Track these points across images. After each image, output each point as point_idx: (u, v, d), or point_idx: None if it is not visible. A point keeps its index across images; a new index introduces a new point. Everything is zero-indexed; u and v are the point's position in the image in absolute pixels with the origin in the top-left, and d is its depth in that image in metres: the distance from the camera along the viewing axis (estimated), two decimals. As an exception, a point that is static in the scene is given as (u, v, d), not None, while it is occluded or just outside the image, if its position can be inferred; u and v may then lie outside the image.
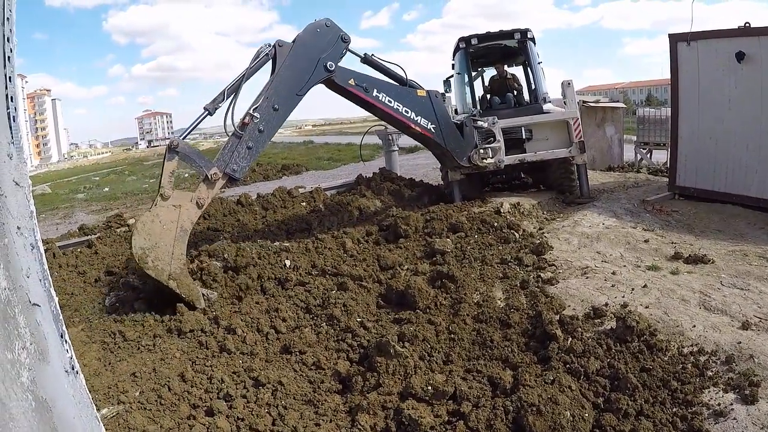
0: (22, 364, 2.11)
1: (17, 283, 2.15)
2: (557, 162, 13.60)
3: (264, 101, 9.37)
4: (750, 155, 11.57)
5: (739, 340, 6.14)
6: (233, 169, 9.00)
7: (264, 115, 9.33)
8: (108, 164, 73.20)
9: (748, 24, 11.43)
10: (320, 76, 10.07)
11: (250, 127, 9.18)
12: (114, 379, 6.30)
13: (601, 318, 7.03)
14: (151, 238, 8.03)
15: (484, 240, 10.19)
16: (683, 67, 12.70)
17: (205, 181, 8.77)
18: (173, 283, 8.04)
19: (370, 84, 10.87)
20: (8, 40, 2.20)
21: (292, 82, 9.78)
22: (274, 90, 9.52)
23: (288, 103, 9.72)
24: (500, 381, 5.95)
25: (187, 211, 8.42)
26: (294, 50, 9.84)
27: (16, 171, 2.24)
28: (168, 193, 8.29)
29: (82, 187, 36.31)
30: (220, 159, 8.95)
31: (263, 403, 5.96)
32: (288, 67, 9.73)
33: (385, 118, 11.78)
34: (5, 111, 2.18)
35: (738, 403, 5.20)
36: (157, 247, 8.02)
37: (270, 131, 9.58)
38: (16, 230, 2.21)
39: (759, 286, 7.66)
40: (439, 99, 12.02)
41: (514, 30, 14.18)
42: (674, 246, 9.67)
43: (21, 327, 2.14)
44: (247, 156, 9.17)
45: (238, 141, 9.08)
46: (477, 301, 7.82)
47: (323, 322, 7.68)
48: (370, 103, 11.01)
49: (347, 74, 10.57)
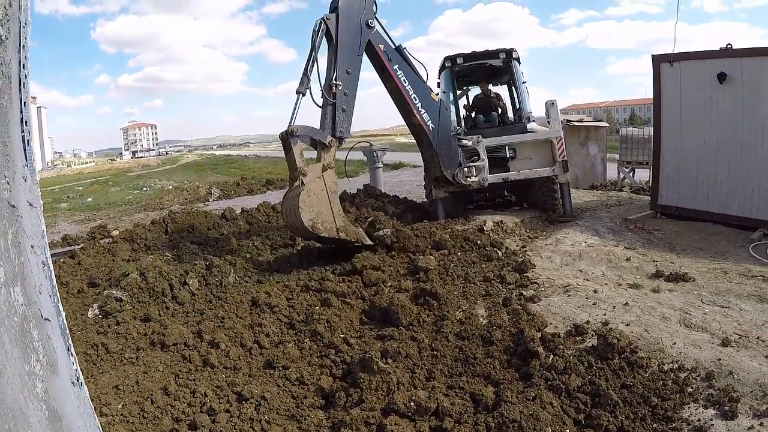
0: (37, 376, 2.17)
1: (31, 299, 2.21)
2: (540, 181, 13.70)
3: (339, 69, 10.70)
4: (731, 174, 11.73)
5: (719, 356, 6.20)
6: (341, 131, 10.65)
7: (343, 80, 10.70)
8: (92, 174, 72.78)
9: (729, 45, 11.64)
10: (366, 33, 11.30)
11: (339, 93, 10.59)
12: (96, 391, 6.26)
13: (582, 335, 7.07)
14: (313, 209, 9.80)
15: (467, 257, 10.22)
16: (666, 88, 12.88)
17: (324, 148, 10.38)
18: (342, 234, 10.07)
19: (396, 58, 12.00)
20: (23, 67, 2.25)
21: (350, 46, 11.00)
22: (341, 56, 10.79)
23: (355, 65, 11.06)
24: (482, 397, 5.96)
25: (328, 177, 10.15)
26: (341, 19, 10.86)
27: (30, 192, 2.30)
28: (306, 170, 9.95)
29: (66, 197, 36.03)
30: (327, 127, 10.50)
31: (246, 418, 5.95)
32: (342, 33, 10.84)
33: (394, 94, 12.42)
34: (20, 134, 2.24)
35: (718, 419, 5.25)
36: (320, 213, 9.87)
37: (352, 93, 10.94)
38: (30, 249, 2.27)
39: (739, 303, 7.75)
40: (448, 112, 13.05)
41: (500, 50, 14.34)
42: (655, 264, 9.76)
43: (35, 341, 2.19)
44: (346, 118, 10.71)
45: (333, 108, 10.59)
46: (460, 319, 7.83)
47: (307, 337, 7.67)
48: (388, 73, 11.98)
49: (380, 39, 11.72)
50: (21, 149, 2.25)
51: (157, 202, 28.72)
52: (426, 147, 12.92)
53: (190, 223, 12.89)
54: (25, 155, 2.28)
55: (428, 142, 12.59)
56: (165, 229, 12.71)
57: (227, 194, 27.96)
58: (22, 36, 2.21)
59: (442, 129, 12.53)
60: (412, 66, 12.28)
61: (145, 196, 32.53)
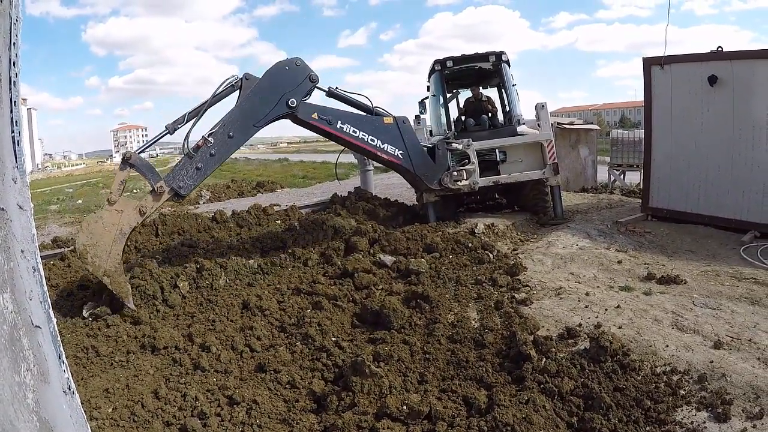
0: (27, 386, 2.12)
1: (21, 306, 2.17)
2: (531, 183, 13.70)
3: (221, 128, 9.90)
4: (722, 177, 11.78)
5: (711, 359, 6.22)
6: (179, 186, 9.54)
7: (218, 141, 9.84)
8: (82, 176, 72.43)
9: (720, 48, 11.68)
10: (281, 110, 10.52)
11: (203, 149, 9.72)
12: (86, 395, 6.21)
13: (574, 338, 7.07)
14: (93, 237, 8.76)
15: (458, 260, 10.23)
16: (657, 90, 12.92)
17: (151, 193, 9.34)
18: (107, 279, 8.64)
19: (334, 116, 11.24)
20: (14, 65, 2.21)
21: (251, 113, 10.26)
22: (232, 118, 10.06)
23: (243, 132, 10.22)
24: (475, 401, 5.95)
25: (128, 216, 9.05)
26: (259, 84, 10.33)
27: (20, 195, 2.26)
28: (114, 198, 9.00)
29: (56, 199, 35.80)
30: (170, 175, 9.57)
31: (238, 422, 5.93)
32: (249, 99, 10.22)
33: (351, 147, 12.13)
34: (10, 135, 2.20)
35: (711, 422, 5.26)
36: (97, 245, 8.71)
37: (221, 156, 10.10)
38: (20, 253, 2.23)
39: (731, 305, 7.78)
40: (408, 125, 12.22)
41: (489, 53, 14.34)
42: (647, 267, 9.78)
43: (26, 349, 2.15)
44: (195, 176, 9.70)
45: (189, 161, 9.64)
46: (452, 322, 7.83)
47: (298, 341, 7.66)
48: (335, 135, 11.36)
49: (310, 109, 10.95)
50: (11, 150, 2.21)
51: (147, 204, 28.53)
52: (403, 172, 12.64)
53: (181, 226, 12.83)
54: (15, 157, 2.24)
55: (404, 169, 12.33)
56: (155, 232, 12.64)
57: (217, 197, 27.80)
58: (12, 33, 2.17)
59: (411, 149, 12.08)
60: (354, 104, 11.81)
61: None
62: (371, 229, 11.41)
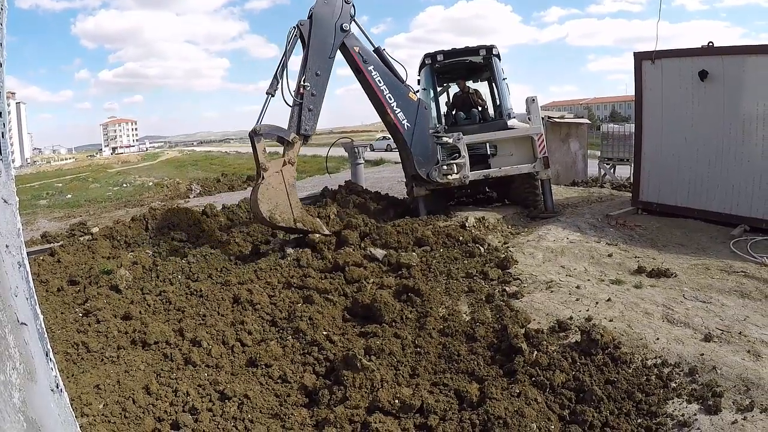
0: (13, 385, 2.08)
1: (6, 303, 2.12)
2: (522, 177, 13.71)
3: (308, 71, 11.40)
4: (711, 171, 11.79)
5: (702, 352, 6.24)
6: (306, 129, 11.31)
7: (312, 81, 11.38)
8: (71, 170, 72.16)
9: (711, 43, 11.70)
10: (340, 37, 11.88)
11: (306, 93, 11.28)
12: (77, 391, 6.19)
13: (565, 331, 7.08)
14: (271, 201, 10.57)
15: (449, 254, 10.22)
16: (647, 85, 12.91)
17: (287, 145, 11.12)
18: (300, 224, 10.77)
19: (371, 59, 12.46)
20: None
21: (323, 49, 11.68)
22: (312, 59, 11.48)
23: (325, 67, 11.69)
24: (467, 394, 5.96)
25: (287, 171, 10.90)
26: (314, 24, 11.63)
27: (4, 188, 2.22)
28: (267, 165, 10.69)
29: (45, 194, 35.74)
30: (293, 126, 11.24)
31: (229, 417, 5.92)
32: (315, 37, 11.59)
33: (371, 94, 12.80)
34: None
35: (702, 414, 5.28)
36: (278, 205, 10.62)
37: (320, 93, 11.55)
38: (5, 249, 2.19)
39: (721, 298, 7.80)
40: (427, 111, 13.29)
41: (480, 46, 14.34)
42: (637, 260, 9.79)
43: (11, 347, 2.10)
44: (312, 117, 11.40)
45: (300, 108, 11.26)
46: (443, 315, 7.83)
47: (289, 335, 7.63)
48: (363, 74, 12.42)
49: (355, 42, 12.28)
50: None
51: (137, 198, 28.58)
52: (401, 145, 13.22)
53: (171, 220, 12.76)
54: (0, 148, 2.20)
55: (403, 141, 12.89)
56: (145, 226, 12.57)
57: (208, 191, 27.81)
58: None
59: (418, 129, 12.79)
60: (390, 66, 12.66)
61: (125, 192, 32.36)
62: (362, 222, 11.39)
